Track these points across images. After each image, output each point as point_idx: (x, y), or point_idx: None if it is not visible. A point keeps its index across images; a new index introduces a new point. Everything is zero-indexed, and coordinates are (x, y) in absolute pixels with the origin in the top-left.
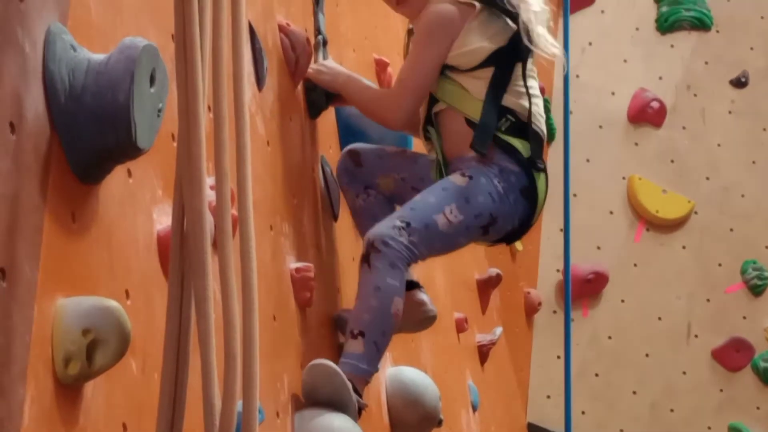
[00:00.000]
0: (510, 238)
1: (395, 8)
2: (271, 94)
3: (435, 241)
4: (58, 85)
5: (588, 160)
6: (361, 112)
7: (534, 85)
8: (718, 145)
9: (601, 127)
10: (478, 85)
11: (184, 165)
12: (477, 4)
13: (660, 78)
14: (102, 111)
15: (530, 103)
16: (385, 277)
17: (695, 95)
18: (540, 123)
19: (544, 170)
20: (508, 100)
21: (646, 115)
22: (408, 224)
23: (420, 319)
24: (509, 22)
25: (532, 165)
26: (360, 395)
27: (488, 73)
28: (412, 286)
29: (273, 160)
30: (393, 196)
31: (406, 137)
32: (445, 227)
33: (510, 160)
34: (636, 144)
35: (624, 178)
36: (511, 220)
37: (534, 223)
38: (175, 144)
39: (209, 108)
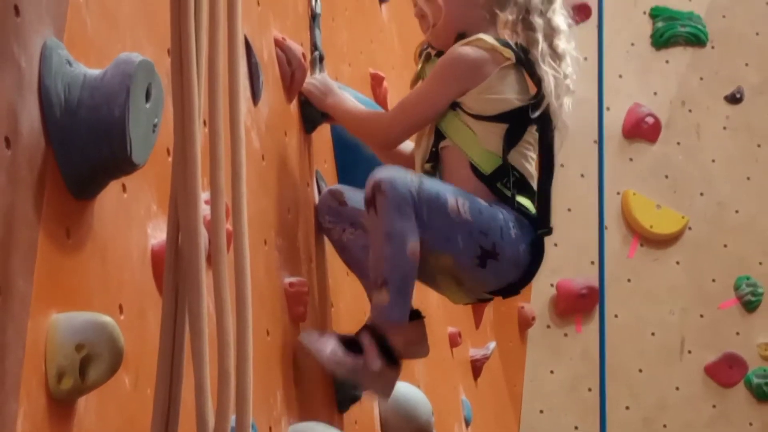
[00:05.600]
0: (504, 292)
1: (425, 32)
2: (266, 109)
3: (436, 217)
4: (53, 100)
5: (582, 175)
6: (349, 131)
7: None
8: (713, 160)
9: (595, 142)
10: (489, 137)
11: (179, 180)
12: (512, 58)
13: (655, 93)
14: (97, 126)
15: (543, 178)
16: (393, 221)
17: (690, 111)
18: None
19: (549, 232)
20: (513, 158)
21: (641, 130)
22: (422, 183)
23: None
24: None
25: (541, 223)
26: (393, 346)
27: (501, 128)
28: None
29: (268, 175)
30: None
31: None
32: (453, 213)
33: (520, 213)
34: (630, 159)
35: (618, 193)
36: (514, 269)
37: (529, 281)
38: (170, 159)
39: (204, 122)
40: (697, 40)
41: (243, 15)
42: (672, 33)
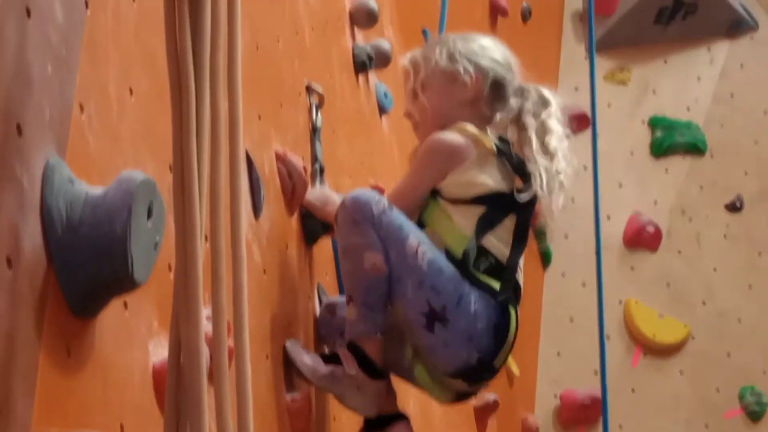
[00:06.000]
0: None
1: (414, 130)
2: (267, 222)
3: (392, 248)
4: (55, 219)
5: (584, 284)
6: None
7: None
8: (714, 269)
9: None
10: (465, 221)
11: (180, 297)
12: (492, 147)
13: (655, 202)
14: (99, 244)
15: (511, 253)
16: (348, 236)
17: (690, 220)
18: (519, 274)
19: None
20: (489, 243)
21: (642, 239)
22: (390, 210)
23: None
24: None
25: (509, 301)
26: (371, 358)
27: (478, 210)
28: (397, 418)
29: (269, 288)
30: None
31: None
32: (409, 253)
33: (488, 295)
34: (632, 268)
35: (620, 302)
36: (466, 344)
37: (500, 367)
38: (171, 274)
39: (206, 238)
40: (695, 148)
41: (244, 130)
42: (671, 142)
